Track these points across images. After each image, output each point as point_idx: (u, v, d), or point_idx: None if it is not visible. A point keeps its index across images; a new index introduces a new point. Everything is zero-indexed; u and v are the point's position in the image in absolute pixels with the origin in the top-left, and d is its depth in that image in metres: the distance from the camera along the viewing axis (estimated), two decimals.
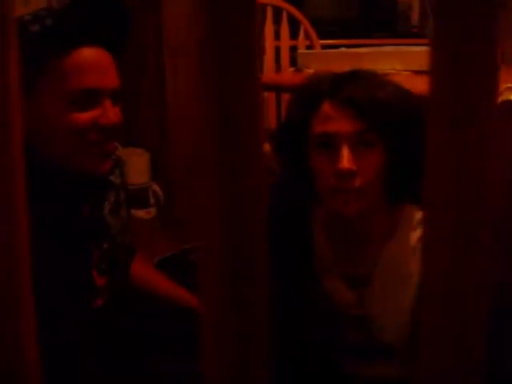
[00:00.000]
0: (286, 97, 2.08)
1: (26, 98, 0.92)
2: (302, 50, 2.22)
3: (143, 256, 1.33)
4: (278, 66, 2.28)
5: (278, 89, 2.04)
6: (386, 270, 1.04)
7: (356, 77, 0.99)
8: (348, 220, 1.02)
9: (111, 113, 0.96)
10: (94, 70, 0.95)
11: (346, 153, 0.93)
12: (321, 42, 2.36)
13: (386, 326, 1.05)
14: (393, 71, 1.45)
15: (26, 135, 0.34)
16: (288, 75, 2.00)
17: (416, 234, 1.03)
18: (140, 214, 2.58)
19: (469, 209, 0.32)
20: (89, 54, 0.95)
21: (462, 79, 0.27)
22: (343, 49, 1.94)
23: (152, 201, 2.67)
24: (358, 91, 0.94)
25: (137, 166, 2.57)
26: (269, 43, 2.23)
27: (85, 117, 0.94)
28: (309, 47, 2.32)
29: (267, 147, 1.88)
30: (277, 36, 2.27)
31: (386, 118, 0.94)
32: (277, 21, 2.28)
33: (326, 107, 0.96)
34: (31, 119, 0.91)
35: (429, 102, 0.30)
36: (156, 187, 2.67)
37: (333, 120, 0.95)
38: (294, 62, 2.09)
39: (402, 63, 1.49)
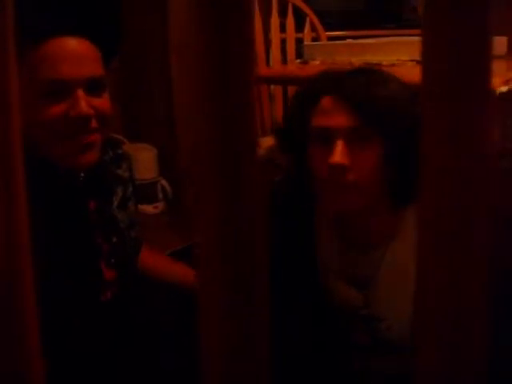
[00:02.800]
0: (292, 89, 2.08)
1: None
2: (307, 42, 2.21)
3: (149, 246, 1.33)
4: (284, 59, 2.27)
5: (283, 81, 2.03)
6: (391, 270, 1.04)
7: (359, 73, 0.99)
8: (350, 218, 1.02)
9: (83, 104, 0.92)
10: (64, 60, 0.91)
11: (339, 147, 0.93)
12: (327, 33, 2.35)
13: (394, 326, 1.05)
14: (398, 62, 1.44)
15: None
16: (294, 67, 2.00)
17: None
18: (148, 208, 2.59)
19: (468, 199, 0.32)
20: (63, 44, 0.91)
21: (455, 64, 0.27)
22: (349, 40, 1.93)
23: (160, 196, 2.68)
24: (356, 87, 0.95)
25: (144, 161, 2.58)
26: (274, 36, 2.22)
27: (55, 109, 0.91)
28: (315, 39, 2.32)
29: (273, 141, 1.87)
30: (282, 28, 2.27)
31: (383, 114, 0.93)
32: (282, 13, 2.28)
33: (325, 102, 0.97)
34: None
35: (423, 89, 0.29)
36: (164, 182, 2.67)
37: (330, 114, 0.95)
38: (299, 54, 2.09)
39: (407, 53, 1.48)
